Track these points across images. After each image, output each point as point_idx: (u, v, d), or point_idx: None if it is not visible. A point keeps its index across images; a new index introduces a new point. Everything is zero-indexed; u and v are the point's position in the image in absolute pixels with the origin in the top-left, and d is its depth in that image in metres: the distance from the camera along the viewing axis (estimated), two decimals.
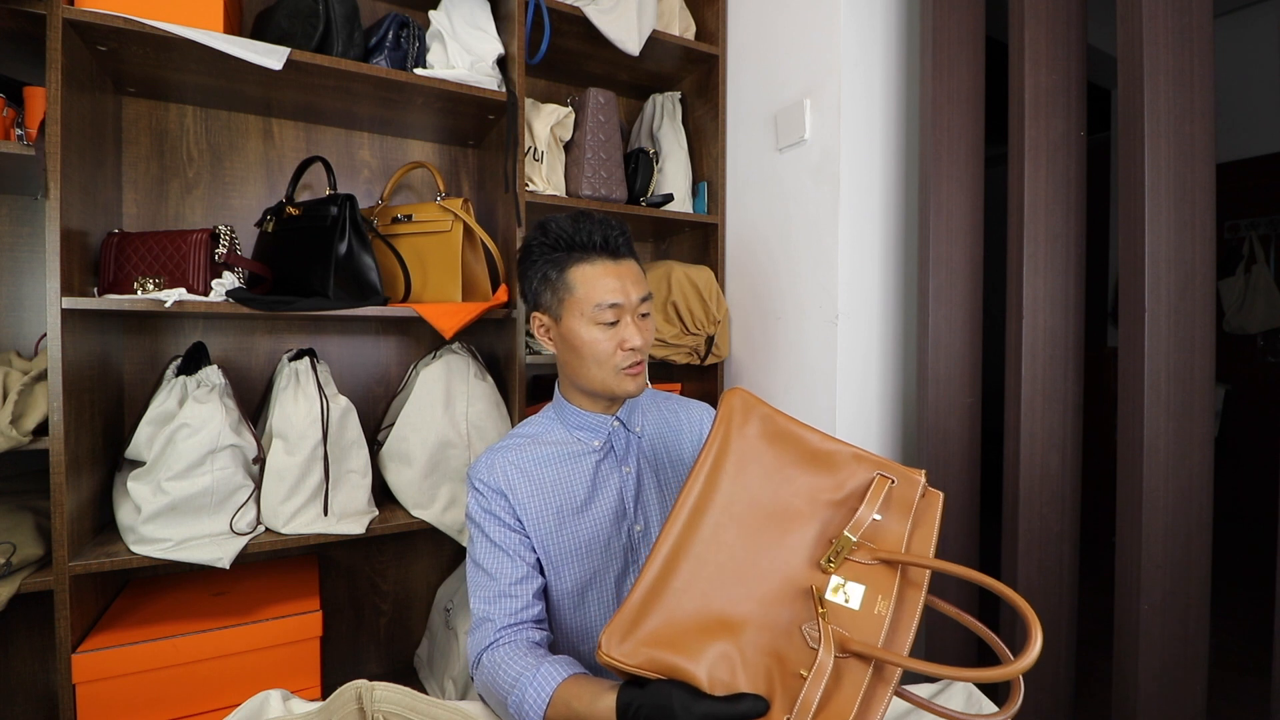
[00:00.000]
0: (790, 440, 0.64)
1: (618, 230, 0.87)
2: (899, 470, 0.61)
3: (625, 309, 0.84)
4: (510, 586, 0.81)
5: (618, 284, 0.84)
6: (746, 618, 0.56)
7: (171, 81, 1.25)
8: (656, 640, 0.55)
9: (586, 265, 0.84)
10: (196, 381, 1.15)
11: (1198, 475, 0.94)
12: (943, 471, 1.22)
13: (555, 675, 0.68)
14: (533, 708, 0.67)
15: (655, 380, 1.58)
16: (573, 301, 0.85)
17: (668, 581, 0.57)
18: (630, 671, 0.54)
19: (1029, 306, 1.10)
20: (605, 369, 0.85)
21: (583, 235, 0.85)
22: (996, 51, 1.26)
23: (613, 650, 0.54)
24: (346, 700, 0.54)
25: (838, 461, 0.62)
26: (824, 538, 0.59)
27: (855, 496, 0.60)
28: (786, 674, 0.53)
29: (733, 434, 0.64)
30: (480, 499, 0.86)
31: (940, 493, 0.62)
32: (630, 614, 0.56)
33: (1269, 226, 2.68)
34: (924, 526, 0.59)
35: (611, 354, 0.84)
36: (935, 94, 1.20)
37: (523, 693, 0.68)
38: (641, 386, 0.88)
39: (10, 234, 1.24)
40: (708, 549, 0.58)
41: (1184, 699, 0.95)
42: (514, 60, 1.36)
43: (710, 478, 0.62)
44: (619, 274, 0.85)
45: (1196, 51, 0.93)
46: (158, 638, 1.08)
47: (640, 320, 0.86)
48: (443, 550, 1.64)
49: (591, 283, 0.84)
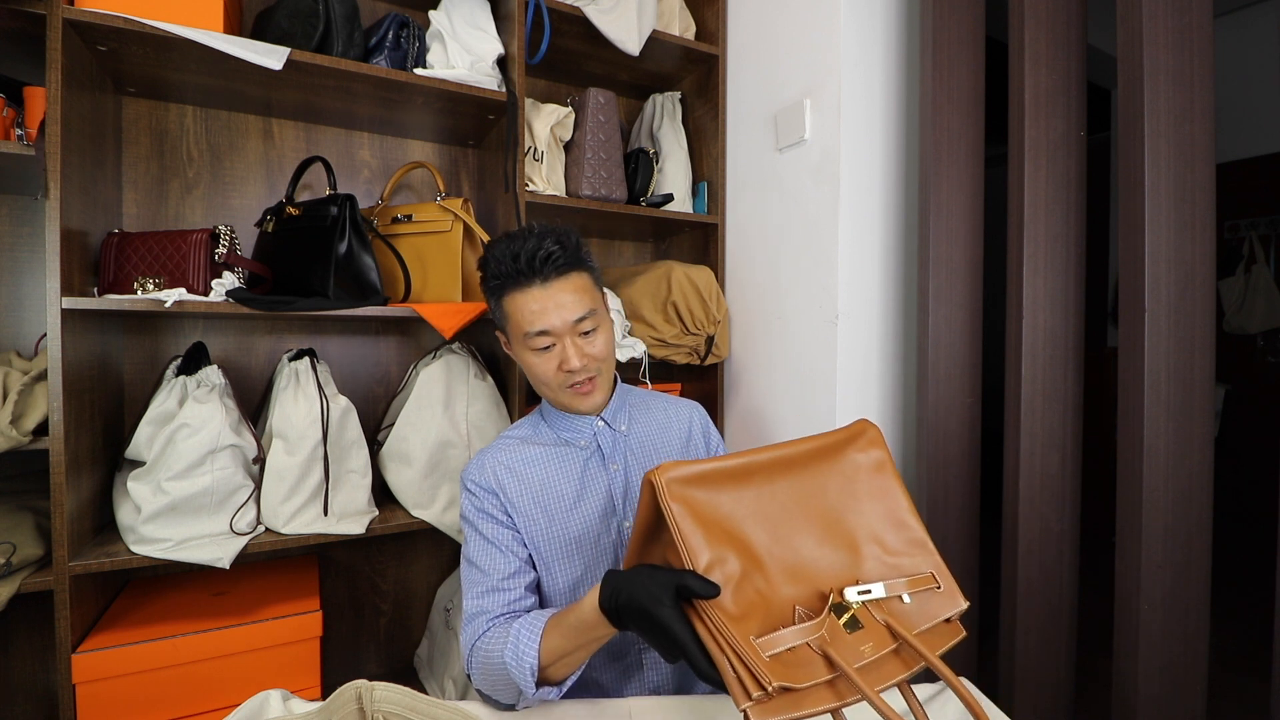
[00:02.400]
0: (886, 489, 0.66)
1: (552, 248, 0.84)
2: (949, 583, 0.62)
3: (556, 333, 0.84)
4: (502, 581, 0.82)
5: (543, 310, 0.83)
6: (765, 561, 0.57)
7: (171, 81, 1.25)
8: (694, 506, 0.57)
9: (517, 293, 0.85)
10: (196, 381, 1.15)
11: (1198, 475, 0.94)
12: (943, 471, 1.22)
13: (542, 614, 0.72)
14: (527, 642, 0.69)
15: (655, 380, 1.58)
16: (512, 329, 0.88)
17: (737, 480, 0.60)
18: (659, 502, 0.56)
19: (1029, 306, 1.10)
20: (554, 389, 0.88)
21: (516, 263, 0.84)
22: (996, 51, 1.26)
23: (665, 474, 0.56)
24: (346, 700, 0.54)
25: (909, 532, 0.64)
26: (854, 574, 0.60)
27: (901, 570, 0.61)
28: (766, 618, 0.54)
29: (849, 445, 0.67)
30: (473, 499, 0.87)
31: (964, 632, 0.62)
32: (699, 470, 0.58)
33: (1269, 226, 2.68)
34: (931, 640, 0.59)
35: (554, 375, 0.86)
36: (935, 94, 1.20)
37: (516, 636, 0.70)
38: (597, 402, 0.89)
39: (10, 234, 1.24)
40: (774, 491, 0.61)
41: (1184, 699, 0.95)
42: (514, 60, 1.36)
43: (808, 456, 0.64)
44: (547, 299, 0.84)
45: (1196, 51, 0.93)
46: (158, 638, 1.08)
47: (581, 339, 0.86)
48: (443, 550, 1.64)
49: (520, 311, 0.85)
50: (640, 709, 0.76)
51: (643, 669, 0.87)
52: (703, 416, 1.04)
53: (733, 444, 1.61)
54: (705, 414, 1.05)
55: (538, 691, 0.69)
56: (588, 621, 0.64)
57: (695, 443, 1.01)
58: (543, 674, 0.69)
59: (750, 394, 1.56)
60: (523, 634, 0.70)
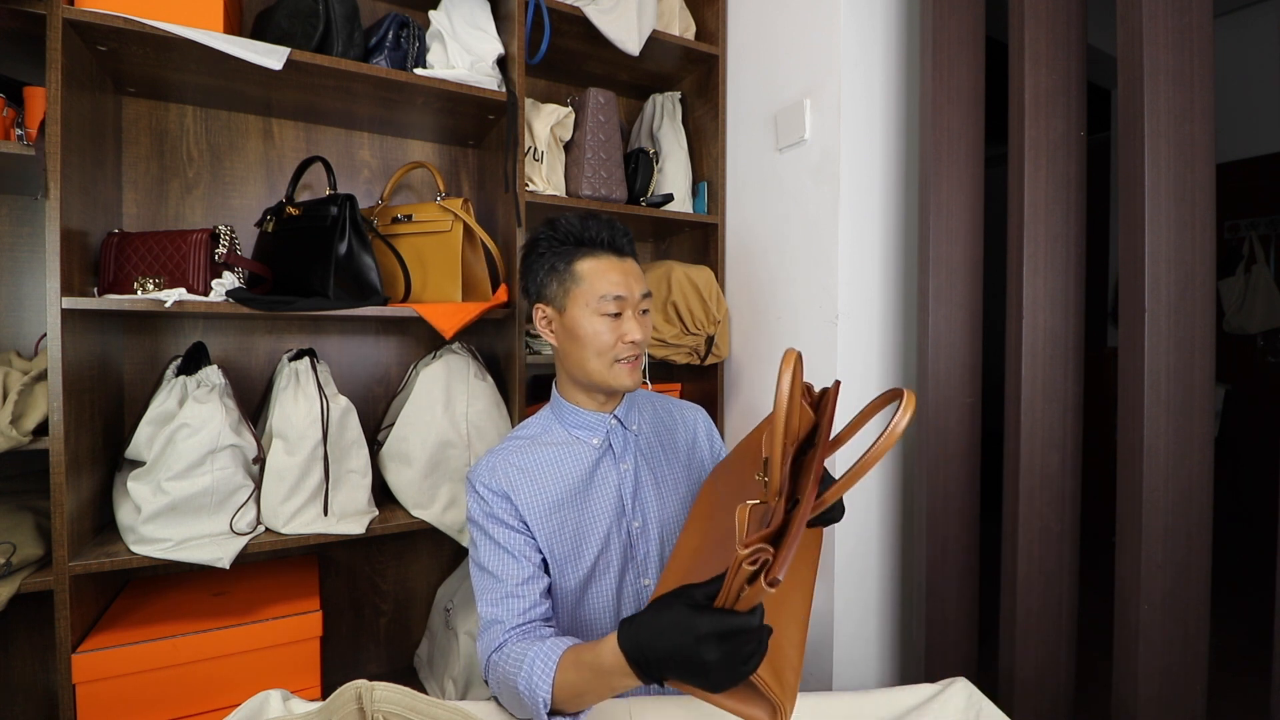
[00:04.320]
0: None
1: (623, 231, 0.91)
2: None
3: (628, 303, 0.88)
4: (517, 587, 0.81)
5: (622, 279, 0.88)
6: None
7: (171, 81, 1.25)
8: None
9: (593, 259, 0.88)
10: (196, 381, 1.15)
11: (1198, 475, 0.94)
12: (943, 471, 1.23)
13: (560, 644, 0.69)
14: (541, 676, 0.67)
15: (655, 380, 1.58)
16: (579, 292, 0.88)
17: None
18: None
19: (1029, 306, 1.10)
20: (604, 360, 0.88)
21: (590, 232, 0.89)
22: (996, 51, 1.26)
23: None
24: (346, 700, 0.54)
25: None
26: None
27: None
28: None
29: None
30: (482, 503, 0.86)
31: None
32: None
33: (1269, 226, 2.68)
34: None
35: (612, 345, 0.87)
36: (935, 94, 1.20)
37: (531, 666, 0.69)
38: (637, 381, 0.91)
39: (10, 234, 1.24)
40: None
41: (1184, 699, 0.95)
42: (514, 60, 1.36)
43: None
44: (624, 270, 0.89)
45: (1196, 51, 0.93)
46: (158, 638, 1.08)
47: (640, 316, 0.89)
48: (443, 550, 1.64)
49: (598, 275, 0.87)
50: (640, 709, 0.76)
51: None
52: (706, 420, 1.05)
53: (732, 444, 1.61)
54: (708, 418, 1.06)
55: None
56: (605, 666, 0.61)
57: (700, 446, 1.02)
58: (556, 706, 0.67)
59: (750, 394, 1.56)
60: (537, 665, 0.68)
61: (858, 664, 1.36)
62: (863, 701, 0.78)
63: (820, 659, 1.34)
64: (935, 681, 0.82)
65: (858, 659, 1.36)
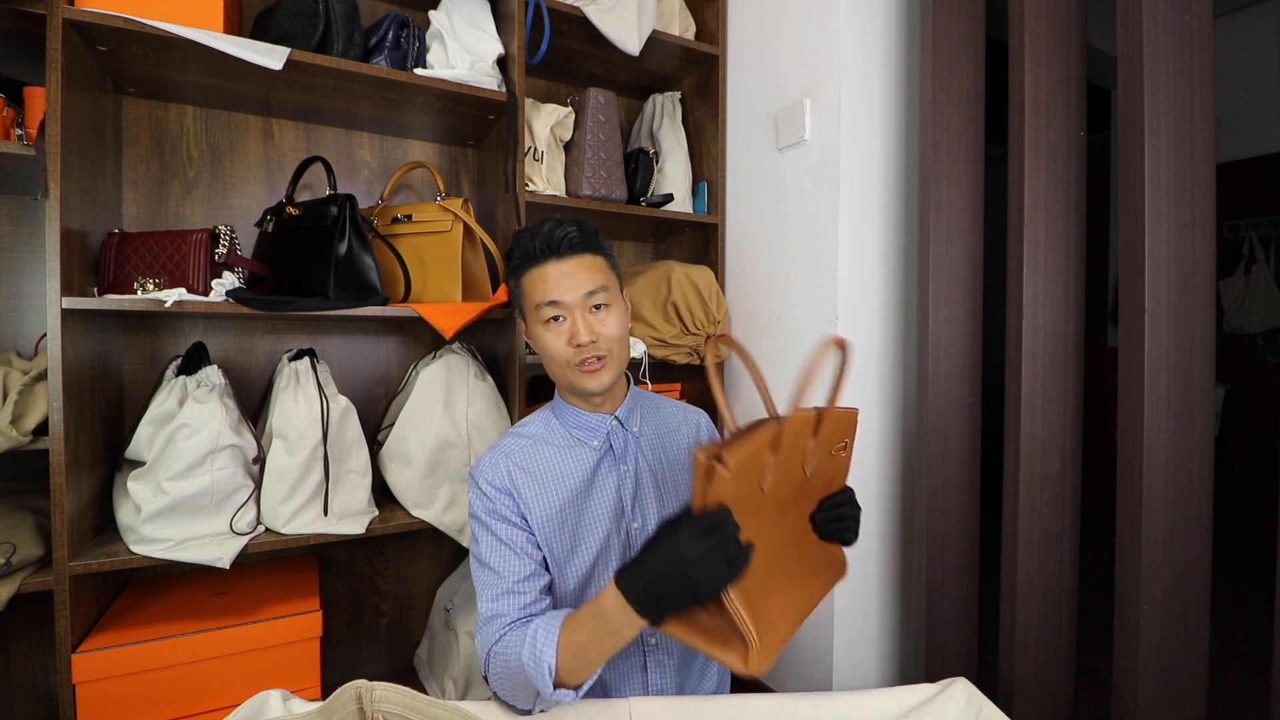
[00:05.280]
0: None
1: (569, 229, 0.87)
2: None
3: (566, 306, 0.85)
4: (517, 584, 0.81)
5: (555, 282, 0.85)
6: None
7: (171, 81, 1.25)
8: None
9: (533, 270, 0.88)
10: (196, 381, 1.15)
11: (1198, 475, 0.94)
12: (943, 471, 1.23)
13: (560, 613, 0.72)
14: (545, 640, 0.69)
15: (655, 380, 1.58)
16: (527, 308, 0.89)
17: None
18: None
19: (1029, 306, 1.10)
20: (564, 367, 0.87)
21: (530, 243, 0.87)
22: (996, 51, 1.26)
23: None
24: (346, 700, 0.54)
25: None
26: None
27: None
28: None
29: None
30: (485, 500, 0.86)
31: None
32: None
33: (1269, 226, 2.68)
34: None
35: (564, 351, 0.86)
36: (935, 94, 1.20)
37: (534, 634, 0.70)
38: (603, 383, 0.87)
39: (10, 234, 1.24)
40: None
41: (1184, 699, 0.95)
42: (514, 60, 1.36)
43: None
44: (560, 273, 0.85)
45: (1196, 51, 0.93)
46: (158, 638, 1.08)
47: (592, 313, 0.86)
48: (443, 550, 1.64)
49: (533, 286, 0.88)
50: (640, 709, 0.76)
51: (646, 671, 0.87)
52: (707, 423, 1.05)
53: None
54: (709, 420, 1.06)
55: (555, 693, 0.69)
56: (606, 609, 0.65)
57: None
58: (561, 675, 0.68)
59: (750, 394, 1.56)
60: (540, 633, 0.70)
61: (858, 664, 1.36)
62: (863, 701, 0.78)
63: (820, 659, 1.34)
64: (935, 682, 0.82)
65: (858, 659, 1.36)
